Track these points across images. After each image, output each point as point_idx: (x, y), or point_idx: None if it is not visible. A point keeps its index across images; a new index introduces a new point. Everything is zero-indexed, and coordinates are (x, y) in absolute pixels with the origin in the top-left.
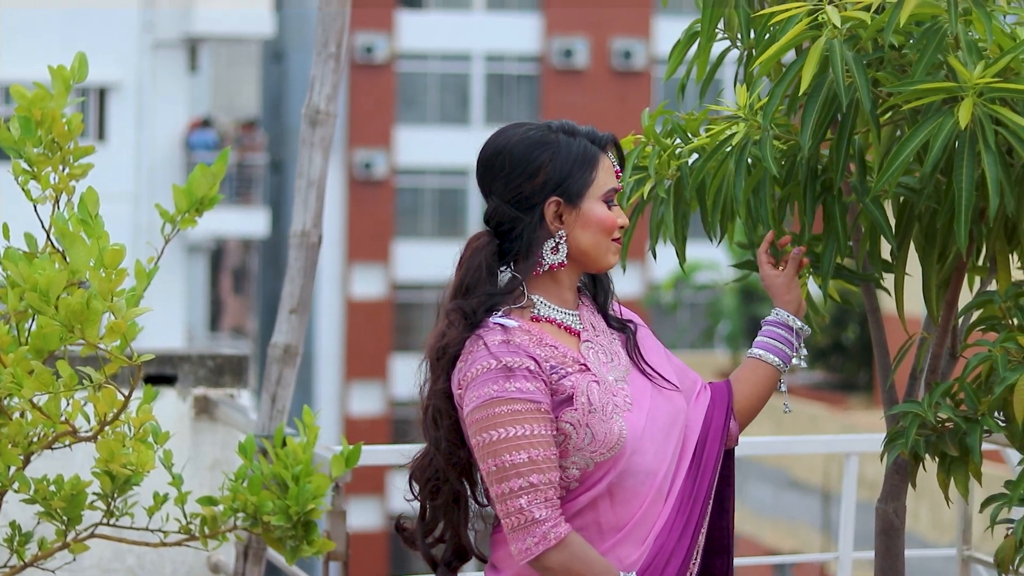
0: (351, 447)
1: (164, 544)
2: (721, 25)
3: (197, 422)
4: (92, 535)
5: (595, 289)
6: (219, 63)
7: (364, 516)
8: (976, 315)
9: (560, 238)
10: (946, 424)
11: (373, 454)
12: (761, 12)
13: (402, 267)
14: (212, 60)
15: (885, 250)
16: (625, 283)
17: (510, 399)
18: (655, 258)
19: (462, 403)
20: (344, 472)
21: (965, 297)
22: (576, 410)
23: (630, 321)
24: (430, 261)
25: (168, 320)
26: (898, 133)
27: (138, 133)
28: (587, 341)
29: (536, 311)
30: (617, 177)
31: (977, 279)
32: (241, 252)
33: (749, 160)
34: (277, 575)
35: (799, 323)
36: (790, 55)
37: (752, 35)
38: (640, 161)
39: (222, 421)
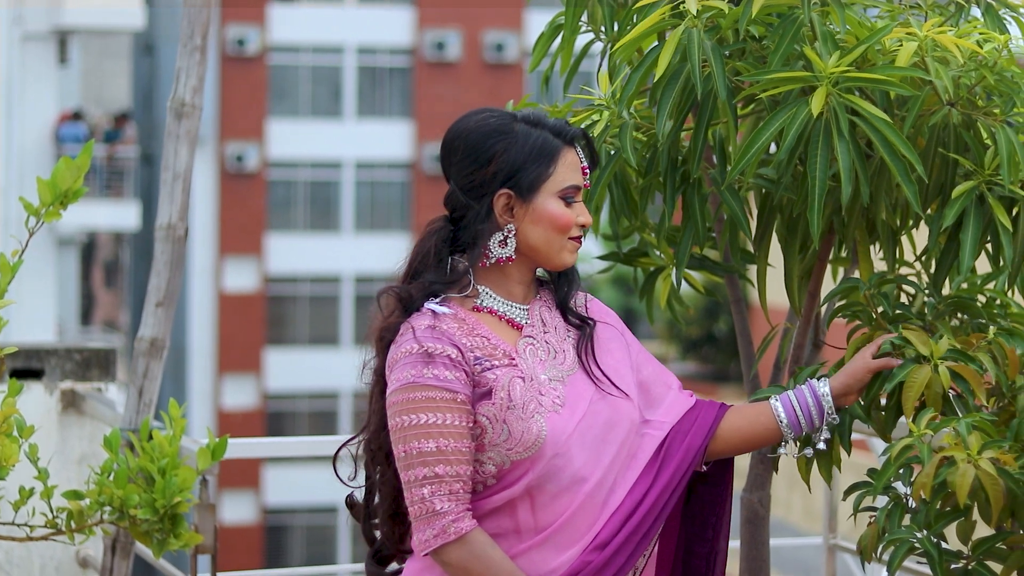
0: (217, 440)
1: (31, 539)
2: (585, 18)
3: (64, 416)
4: None
5: (559, 283)
6: (90, 56)
7: (239, 510)
8: (838, 304)
9: (509, 232)
10: None
11: (244, 447)
12: None
13: (275, 260)
14: (82, 53)
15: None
16: None
17: (426, 385)
18: None
19: (387, 385)
20: (210, 465)
21: (828, 288)
22: (494, 404)
23: (591, 319)
24: (302, 254)
25: (39, 314)
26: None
27: (7, 126)
28: (529, 336)
29: (479, 301)
30: (585, 174)
31: (841, 269)
32: (113, 245)
33: (612, 151)
34: (146, 569)
35: (833, 412)
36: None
37: (616, 27)
38: None
39: (89, 415)
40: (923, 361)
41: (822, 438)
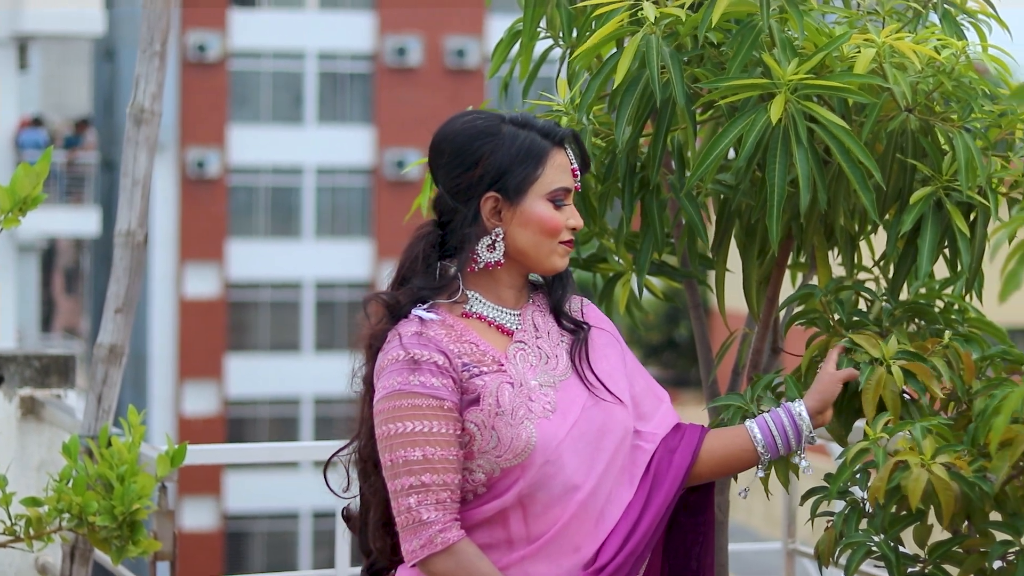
0: (176, 446)
1: None
2: (543, 23)
3: (24, 423)
4: None
5: (552, 287)
6: (50, 61)
7: (199, 516)
8: (796, 310)
9: (497, 236)
10: None
11: (204, 453)
12: (582, 4)
13: (236, 266)
14: (43, 58)
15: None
16: None
17: (412, 393)
18: None
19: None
20: (169, 471)
21: (787, 293)
22: (482, 411)
23: (585, 323)
24: (264, 260)
25: None
26: (720, 131)
27: None
28: (520, 341)
29: (469, 307)
30: (575, 176)
31: (800, 275)
32: (73, 252)
33: None
34: None
35: (812, 432)
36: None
37: (574, 33)
38: None
39: (48, 422)
40: (876, 364)
41: (802, 456)
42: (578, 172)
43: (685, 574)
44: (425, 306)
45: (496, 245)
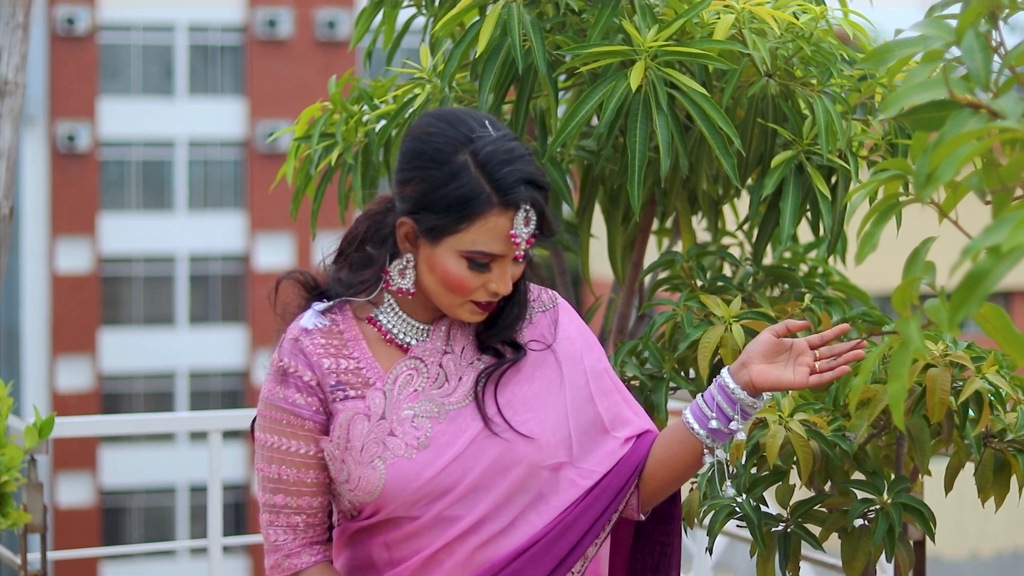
0: (44, 418)
1: None
2: None
3: None
4: None
5: (504, 310)
6: None
7: (76, 492)
8: (661, 275)
9: (408, 262)
10: (631, 382)
11: (74, 426)
12: None
13: (108, 240)
14: None
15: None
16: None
17: (275, 405)
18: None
19: None
20: (37, 443)
21: (653, 258)
22: (331, 442)
23: (520, 348)
24: (136, 234)
25: None
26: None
27: None
28: (416, 358)
29: (376, 313)
30: (515, 245)
31: (665, 240)
32: None
33: None
34: None
35: (738, 390)
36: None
37: (436, 2)
38: (327, 128)
39: None
40: (718, 322)
41: (739, 427)
42: (519, 241)
43: None
44: (327, 304)
45: (407, 273)
